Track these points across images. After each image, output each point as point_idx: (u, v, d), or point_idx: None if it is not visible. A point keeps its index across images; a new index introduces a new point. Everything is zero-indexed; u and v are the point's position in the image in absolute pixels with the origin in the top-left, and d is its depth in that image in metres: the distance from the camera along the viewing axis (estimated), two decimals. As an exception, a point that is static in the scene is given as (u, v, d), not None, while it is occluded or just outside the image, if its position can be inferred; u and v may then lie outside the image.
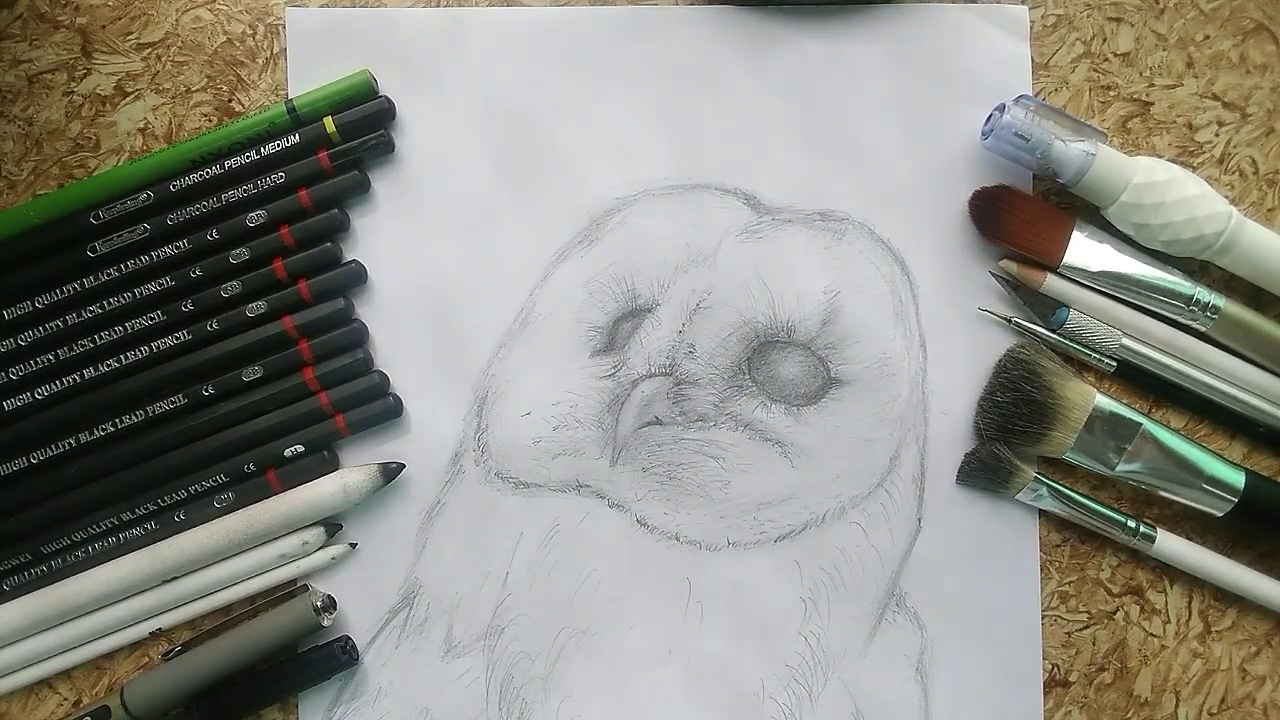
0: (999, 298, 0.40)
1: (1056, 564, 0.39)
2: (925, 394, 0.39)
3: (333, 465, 0.39)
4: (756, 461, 0.39)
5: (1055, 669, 0.39)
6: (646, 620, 0.39)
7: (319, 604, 0.37)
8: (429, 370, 0.39)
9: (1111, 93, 0.41)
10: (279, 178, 0.38)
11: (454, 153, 0.40)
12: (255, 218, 0.38)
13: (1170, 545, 0.38)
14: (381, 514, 0.39)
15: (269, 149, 0.39)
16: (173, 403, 0.38)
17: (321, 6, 0.40)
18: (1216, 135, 0.41)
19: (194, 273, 0.38)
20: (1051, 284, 0.39)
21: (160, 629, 0.38)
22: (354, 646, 0.38)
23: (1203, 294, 0.38)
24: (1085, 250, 0.38)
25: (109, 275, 0.38)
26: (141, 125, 0.40)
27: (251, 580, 0.38)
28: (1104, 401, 0.38)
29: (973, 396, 0.39)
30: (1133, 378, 0.39)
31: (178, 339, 0.38)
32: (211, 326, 0.38)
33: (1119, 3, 0.41)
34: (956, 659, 0.39)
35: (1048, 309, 0.40)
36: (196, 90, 0.40)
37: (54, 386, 0.38)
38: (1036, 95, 0.40)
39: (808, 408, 0.39)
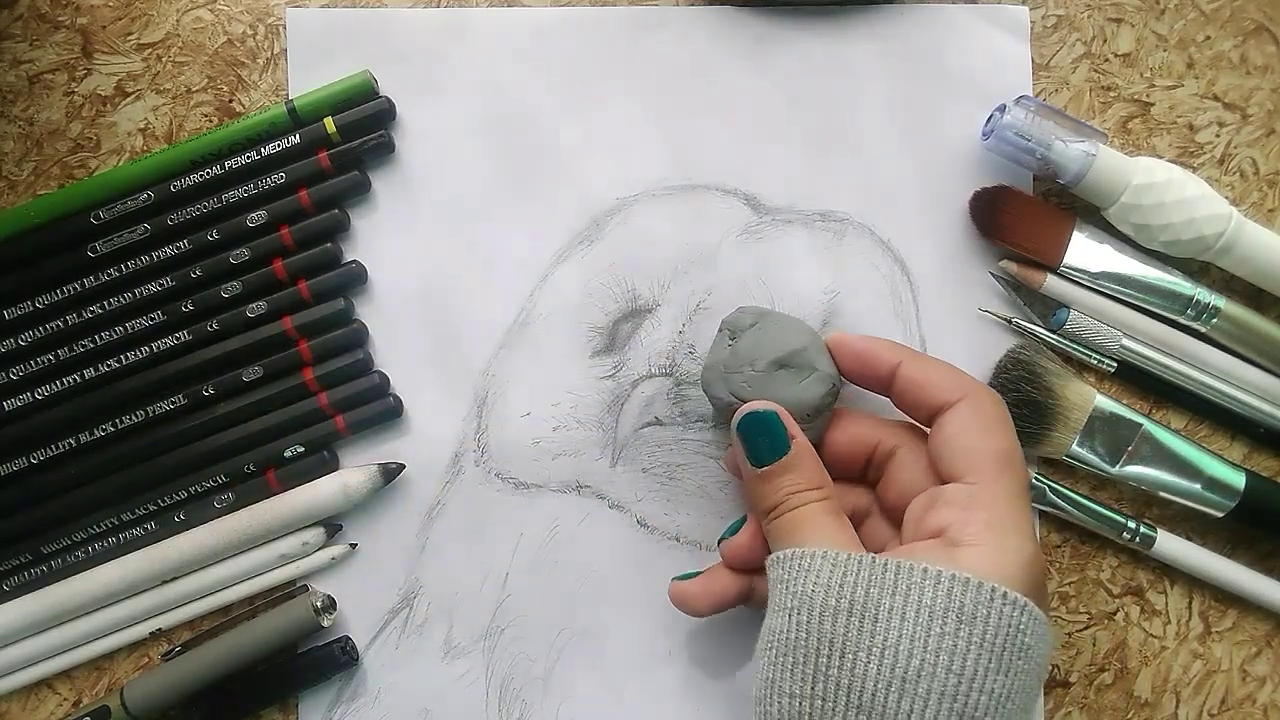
0: (999, 298, 0.40)
1: (1057, 565, 0.39)
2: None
3: (333, 465, 0.39)
4: (756, 462, 0.39)
5: (1055, 669, 0.39)
6: (646, 621, 0.39)
7: (319, 604, 0.37)
8: (429, 370, 0.39)
9: (1112, 93, 0.41)
10: (279, 178, 0.38)
11: (454, 153, 0.40)
12: (255, 218, 0.38)
13: (1170, 546, 0.38)
14: (381, 514, 0.39)
15: (269, 149, 0.39)
16: (173, 403, 0.38)
17: (321, 7, 0.40)
18: (1217, 136, 0.41)
19: (194, 273, 0.38)
20: (1051, 284, 0.39)
21: (160, 629, 0.38)
22: (354, 647, 0.38)
23: (1203, 295, 0.38)
24: (1085, 251, 0.38)
25: (109, 275, 0.38)
26: (142, 125, 0.40)
27: (251, 580, 0.38)
28: (1104, 402, 0.38)
29: (973, 397, 0.39)
30: (1133, 378, 0.39)
31: (178, 339, 0.38)
32: (211, 327, 0.38)
33: (1119, 3, 0.41)
34: (956, 659, 0.38)
35: (1048, 309, 0.40)
36: (197, 90, 0.40)
37: (54, 386, 0.38)
38: (1037, 96, 0.40)
39: (808, 408, 0.39)
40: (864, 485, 0.35)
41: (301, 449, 0.38)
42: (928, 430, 0.33)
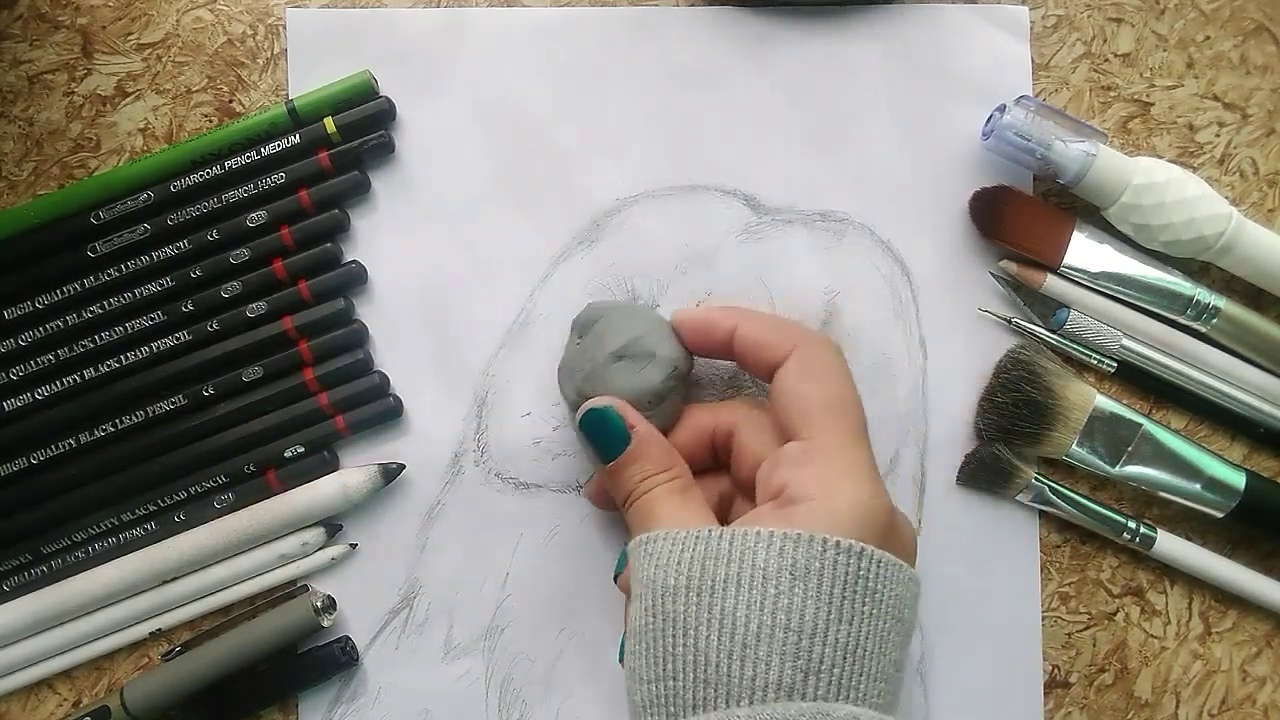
0: (999, 298, 0.40)
1: (1057, 565, 0.39)
2: (925, 394, 0.39)
3: (333, 465, 0.39)
4: (756, 462, 0.39)
5: (1055, 670, 0.39)
6: (646, 621, 0.39)
7: (319, 604, 0.37)
8: (429, 370, 0.39)
9: (1112, 93, 0.41)
10: (279, 178, 0.38)
11: (454, 153, 0.40)
12: (255, 218, 0.38)
13: (1171, 546, 0.38)
14: (381, 514, 0.39)
15: (269, 149, 0.39)
16: (173, 403, 0.38)
17: (321, 7, 0.40)
18: (1217, 136, 0.41)
19: (194, 273, 0.38)
20: (1052, 284, 0.39)
21: (160, 629, 0.38)
22: (354, 647, 0.38)
23: (1203, 295, 0.38)
24: (1085, 251, 0.38)
25: (109, 276, 0.38)
26: (142, 125, 0.40)
27: (251, 581, 0.38)
28: (1104, 402, 0.38)
29: (973, 397, 0.39)
30: (1133, 378, 0.39)
31: (178, 339, 0.38)
32: (212, 327, 0.38)
33: (1119, 3, 0.41)
34: (957, 660, 0.39)
35: (1048, 309, 0.40)
36: (197, 90, 0.40)
37: (54, 386, 0.38)
38: (1037, 96, 0.40)
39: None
40: (722, 472, 0.35)
41: (301, 449, 0.38)
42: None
